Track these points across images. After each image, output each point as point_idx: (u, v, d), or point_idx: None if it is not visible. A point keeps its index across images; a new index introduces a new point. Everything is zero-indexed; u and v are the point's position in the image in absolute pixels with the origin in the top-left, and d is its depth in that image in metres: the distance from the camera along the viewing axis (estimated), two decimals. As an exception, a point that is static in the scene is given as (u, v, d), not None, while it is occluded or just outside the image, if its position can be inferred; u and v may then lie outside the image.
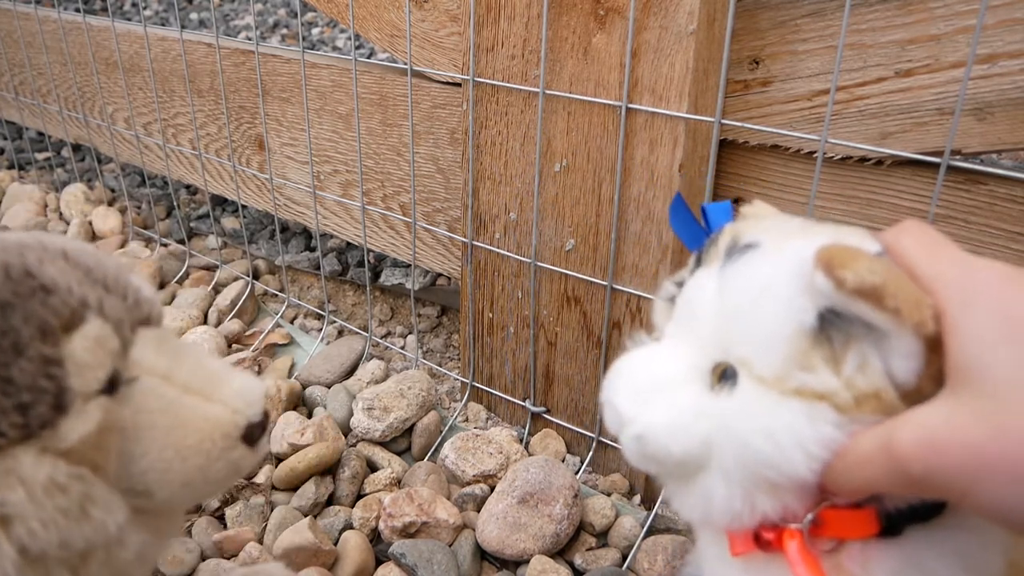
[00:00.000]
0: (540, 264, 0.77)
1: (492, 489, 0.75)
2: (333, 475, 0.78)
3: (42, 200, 1.42)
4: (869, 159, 0.62)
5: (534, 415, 0.84)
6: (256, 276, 1.16)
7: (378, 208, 0.95)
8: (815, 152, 0.63)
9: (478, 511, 0.74)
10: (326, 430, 0.79)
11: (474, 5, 0.72)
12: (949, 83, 0.58)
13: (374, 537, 0.73)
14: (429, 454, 0.83)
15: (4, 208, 1.41)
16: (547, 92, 0.71)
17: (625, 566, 0.70)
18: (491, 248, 0.81)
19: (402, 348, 1.03)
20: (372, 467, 0.81)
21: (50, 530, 0.37)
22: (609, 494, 0.77)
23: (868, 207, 0.64)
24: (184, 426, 0.42)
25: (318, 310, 1.08)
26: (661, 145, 0.66)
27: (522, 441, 0.84)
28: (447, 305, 1.09)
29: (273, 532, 0.71)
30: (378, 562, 0.71)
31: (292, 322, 1.08)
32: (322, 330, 1.03)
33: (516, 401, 0.86)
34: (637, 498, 0.78)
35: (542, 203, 0.75)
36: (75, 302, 0.39)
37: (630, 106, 0.66)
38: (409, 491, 0.73)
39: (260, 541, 0.72)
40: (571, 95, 0.69)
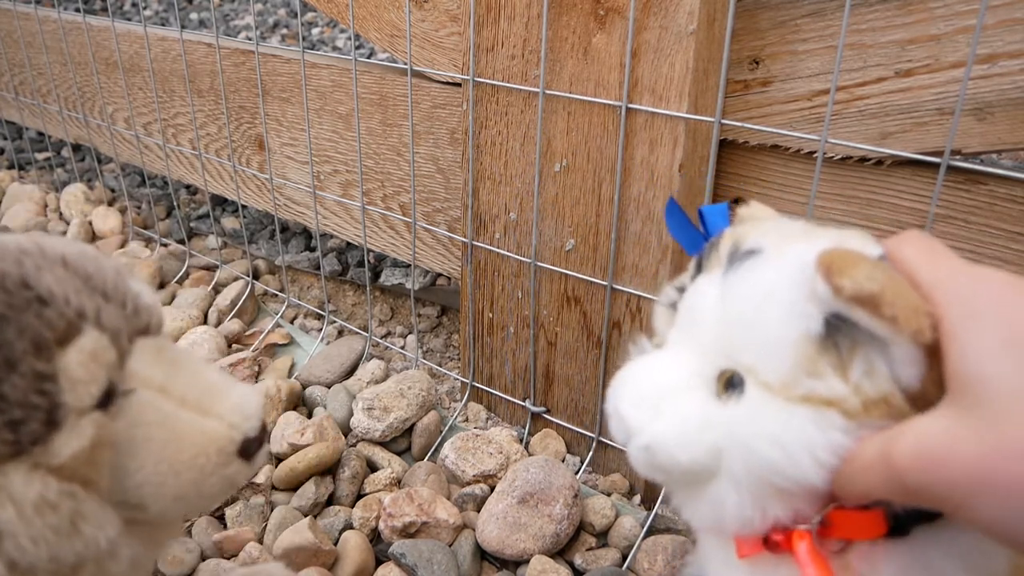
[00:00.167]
0: (540, 264, 0.77)
1: (492, 489, 0.75)
2: (333, 475, 0.78)
3: (42, 200, 1.42)
4: (869, 159, 0.62)
5: (534, 415, 0.84)
6: (256, 276, 1.16)
7: (378, 208, 0.95)
8: (815, 152, 0.63)
9: (478, 511, 0.74)
10: (326, 430, 0.79)
11: (474, 5, 0.72)
12: (949, 83, 0.58)
13: (374, 537, 0.73)
14: (429, 454, 0.83)
15: (4, 208, 1.41)
16: (547, 92, 0.71)
17: (625, 566, 0.70)
18: (491, 248, 0.81)
19: (402, 348, 1.02)
20: (372, 467, 0.81)
21: (40, 546, 0.36)
22: (609, 494, 0.77)
23: (868, 207, 0.64)
24: (180, 440, 0.41)
25: (318, 310, 1.08)
26: (661, 145, 0.66)
27: (522, 441, 0.84)
28: (447, 305, 1.09)
29: (273, 532, 0.71)
30: (378, 562, 0.71)
31: (292, 322, 1.08)
32: (322, 330, 1.03)
33: (516, 401, 0.86)
34: (637, 498, 0.78)
35: (542, 203, 0.75)
36: (72, 313, 0.38)
37: (630, 106, 0.66)
38: (409, 491, 0.73)
39: (260, 541, 0.72)
40: (571, 95, 0.69)
